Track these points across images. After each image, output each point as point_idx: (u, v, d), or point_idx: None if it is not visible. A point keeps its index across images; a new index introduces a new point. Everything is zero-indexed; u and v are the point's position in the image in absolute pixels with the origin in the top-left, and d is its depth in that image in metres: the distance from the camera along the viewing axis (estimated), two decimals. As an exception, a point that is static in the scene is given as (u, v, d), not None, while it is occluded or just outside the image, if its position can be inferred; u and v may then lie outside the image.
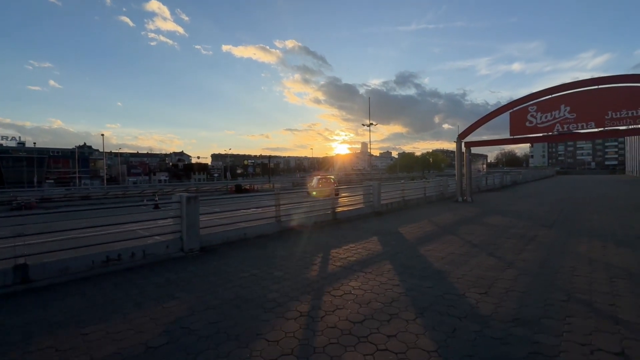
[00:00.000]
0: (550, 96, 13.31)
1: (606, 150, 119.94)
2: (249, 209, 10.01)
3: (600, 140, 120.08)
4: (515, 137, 14.28)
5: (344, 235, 7.95)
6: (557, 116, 13.15)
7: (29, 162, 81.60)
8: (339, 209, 10.71)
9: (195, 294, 4.20)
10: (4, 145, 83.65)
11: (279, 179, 63.74)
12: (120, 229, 6.24)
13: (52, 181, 77.15)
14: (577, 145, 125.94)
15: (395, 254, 5.99)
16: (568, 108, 12.90)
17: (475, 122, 15.31)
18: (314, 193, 19.25)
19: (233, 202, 14.50)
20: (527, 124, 13.88)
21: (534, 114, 13.72)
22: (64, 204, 21.40)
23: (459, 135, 15.92)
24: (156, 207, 16.12)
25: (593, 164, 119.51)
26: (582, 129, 12.58)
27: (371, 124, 44.16)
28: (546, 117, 13.40)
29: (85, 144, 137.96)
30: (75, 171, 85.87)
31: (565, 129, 12.93)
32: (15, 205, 22.04)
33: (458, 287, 4.24)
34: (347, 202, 12.95)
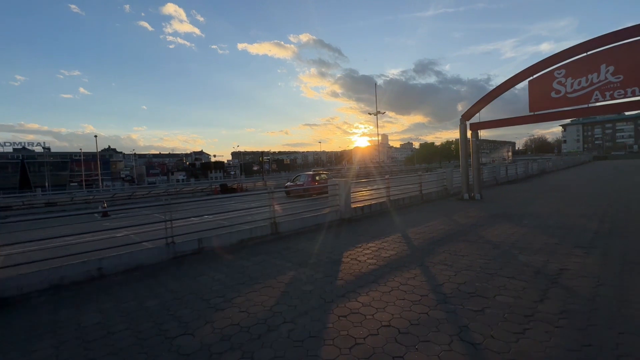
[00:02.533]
0: (585, 54, 9.72)
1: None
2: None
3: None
4: (536, 113, 10.79)
5: (248, 270, 5.14)
6: (594, 81, 9.57)
7: (54, 166, 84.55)
8: (284, 219, 7.91)
9: None
10: (32, 149, 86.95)
11: (285, 175, 61.45)
12: None
13: (76, 184, 79.56)
14: (617, 127, 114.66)
15: (277, 327, 3.15)
16: (611, 68, 9.29)
17: (484, 97, 11.90)
18: (289, 194, 16.51)
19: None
20: (553, 94, 10.35)
21: (563, 80, 10.17)
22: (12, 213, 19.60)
23: (462, 115, 12.55)
24: (104, 215, 13.99)
25: (635, 147, 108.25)
26: (633, 95, 8.97)
27: (378, 112, 40.72)
28: (579, 83, 9.84)
29: (109, 146, 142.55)
30: (97, 173, 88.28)
31: (608, 98, 9.35)
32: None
33: None
34: (311, 205, 10.11)
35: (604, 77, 9.41)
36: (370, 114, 41.38)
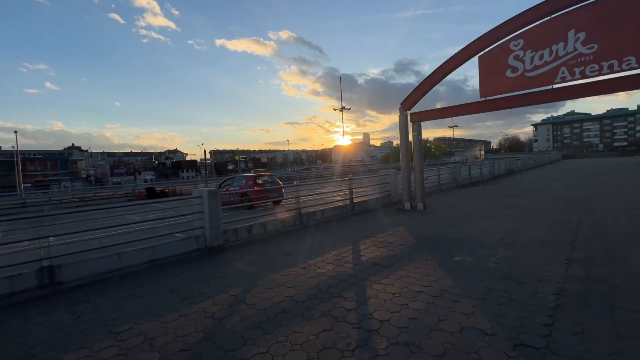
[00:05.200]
0: (549, 17, 7.22)
1: (614, 130, 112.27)
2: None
3: (608, 120, 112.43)
4: (487, 98, 8.24)
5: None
6: (560, 53, 7.07)
7: (4, 165, 77.39)
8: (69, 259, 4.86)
9: None
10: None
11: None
12: None
13: (30, 185, 72.71)
14: (584, 127, 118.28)
15: None
16: (582, 35, 6.81)
17: (427, 78, 9.26)
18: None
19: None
20: (509, 73, 7.82)
21: (520, 53, 7.64)
22: None
23: (402, 103, 9.88)
24: None
25: (601, 146, 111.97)
26: (611, 71, 6.52)
27: (343, 107, 38.09)
28: (541, 57, 7.33)
29: (73, 144, 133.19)
30: (54, 174, 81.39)
31: (578, 76, 6.88)
32: None
33: None
34: (151, 232, 7.10)
35: (572, 48, 6.93)
36: (335, 109, 38.66)
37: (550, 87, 7.25)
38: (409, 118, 9.84)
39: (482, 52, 8.19)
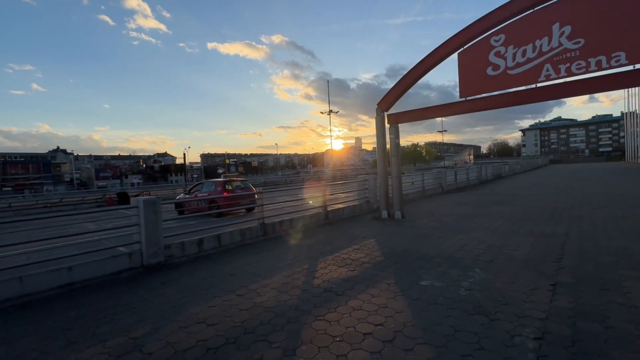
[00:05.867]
0: (532, 10, 6.62)
1: (600, 136, 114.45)
2: None
3: (594, 126, 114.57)
4: (467, 98, 7.60)
5: None
6: (544, 49, 6.46)
7: (-18, 168, 74.80)
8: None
9: None
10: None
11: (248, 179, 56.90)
12: None
13: (10, 188, 70.11)
14: (570, 133, 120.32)
15: None
16: (567, 29, 6.21)
17: (403, 77, 8.60)
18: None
19: None
20: (490, 70, 7.19)
21: (502, 50, 7.03)
22: None
23: (378, 104, 9.20)
24: None
25: (587, 151, 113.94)
26: (599, 68, 5.92)
27: (331, 111, 37.50)
28: (524, 53, 6.71)
29: (58, 147, 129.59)
30: (36, 177, 78.83)
31: (563, 73, 6.26)
32: None
33: None
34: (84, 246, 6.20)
35: (557, 43, 6.32)
36: (322, 112, 38.09)
37: (533, 85, 6.63)
38: (386, 120, 9.15)
39: (462, 49, 7.56)
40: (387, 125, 9.17)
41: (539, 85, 6.57)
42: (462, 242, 5.96)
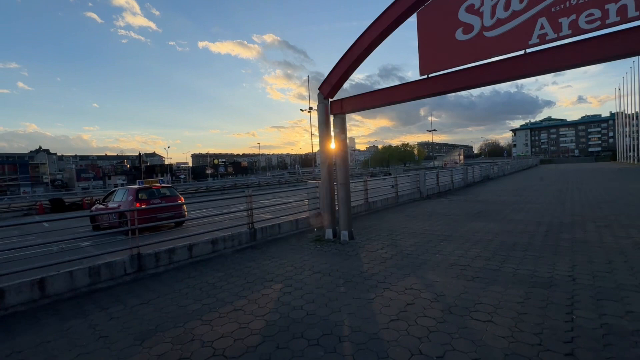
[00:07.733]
0: (517, -61, 4.43)
1: (589, 136, 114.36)
2: None
3: (583, 126, 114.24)
4: (430, 76, 5.38)
5: None
6: (535, 1, 4.29)
7: (-48, 170, 71.27)
8: None
9: None
10: None
11: (227, 180, 54.04)
12: None
13: None
14: (560, 133, 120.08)
15: None
16: (573, -37, 4.04)
17: (348, 49, 6.35)
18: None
19: None
20: (460, 34, 4.97)
21: (476, 1, 4.83)
22: None
23: (320, 87, 6.93)
24: None
25: (577, 151, 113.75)
26: (622, 20, 3.76)
27: (311, 108, 35.36)
28: (508, 4, 4.53)
29: (40, 147, 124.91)
30: (13, 178, 75.24)
31: (567, 30, 4.09)
32: None
33: None
34: None
35: (556, -14, 4.14)
36: (302, 110, 35.86)
37: (522, 52, 4.43)
38: (329, 108, 6.90)
39: (423, 6, 5.35)
40: (331, 116, 6.92)
41: (529, 50, 4.38)
42: (408, 298, 3.71)
